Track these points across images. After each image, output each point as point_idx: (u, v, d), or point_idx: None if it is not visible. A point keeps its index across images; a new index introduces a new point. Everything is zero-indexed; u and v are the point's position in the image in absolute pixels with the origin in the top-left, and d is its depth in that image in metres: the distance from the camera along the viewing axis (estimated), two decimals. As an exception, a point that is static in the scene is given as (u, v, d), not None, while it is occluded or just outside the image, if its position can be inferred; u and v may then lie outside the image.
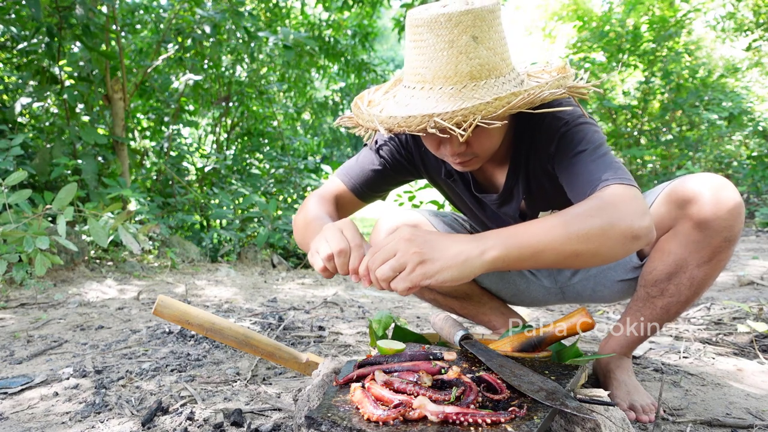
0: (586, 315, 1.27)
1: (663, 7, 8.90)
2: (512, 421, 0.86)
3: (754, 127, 9.00)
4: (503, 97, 1.03)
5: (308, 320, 2.61)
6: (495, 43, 1.08)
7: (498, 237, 1.00)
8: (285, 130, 7.55)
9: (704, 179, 1.28)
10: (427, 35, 1.07)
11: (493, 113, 1.02)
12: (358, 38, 7.67)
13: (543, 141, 1.27)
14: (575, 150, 1.20)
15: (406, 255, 0.95)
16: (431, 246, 0.96)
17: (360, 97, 1.30)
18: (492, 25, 1.07)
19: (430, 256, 0.95)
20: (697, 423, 1.35)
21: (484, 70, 1.07)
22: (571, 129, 1.22)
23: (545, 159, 1.30)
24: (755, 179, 8.27)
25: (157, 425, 1.34)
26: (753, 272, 3.84)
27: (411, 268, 0.95)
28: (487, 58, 1.07)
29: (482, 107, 1.02)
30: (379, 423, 0.86)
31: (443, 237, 0.99)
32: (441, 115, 1.03)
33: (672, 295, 1.38)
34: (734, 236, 1.26)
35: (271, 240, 5.43)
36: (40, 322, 2.57)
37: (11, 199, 2.84)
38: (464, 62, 1.06)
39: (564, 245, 0.99)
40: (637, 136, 9.78)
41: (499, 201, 1.45)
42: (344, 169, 1.50)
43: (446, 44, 1.05)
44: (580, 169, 1.17)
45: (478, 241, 0.98)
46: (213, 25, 5.38)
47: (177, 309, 1.34)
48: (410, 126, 1.06)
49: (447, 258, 0.95)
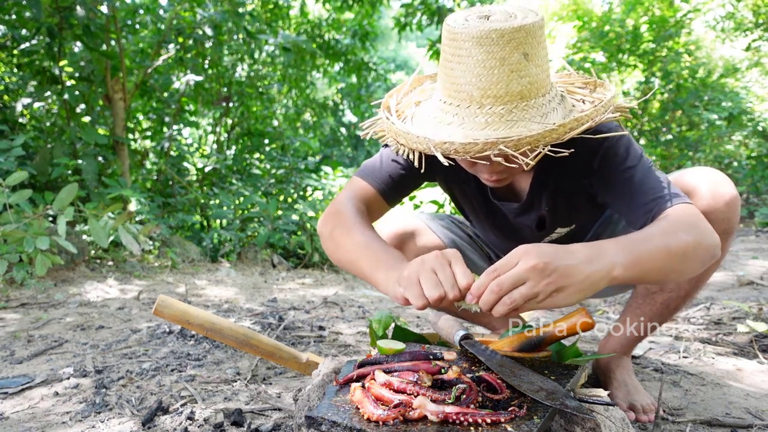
0: (586, 315, 1.27)
1: (663, 7, 8.90)
2: (512, 421, 0.86)
3: (753, 127, 9.00)
4: (566, 123, 0.99)
5: (308, 320, 2.61)
6: (542, 59, 1.05)
7: (618, 254, 0.97)
8: (285, 130, 7.55)
9: (701, 173, 1.30)
10: (475, 50, 1.01)
11: (557, 139, 0.99)
12: (358, 38, 7.67)
13: (582, 155, 1.21)
14: (624, 165, 1.18)
15: (539, 285, 0.91)
16: (562, 273, 0.92)
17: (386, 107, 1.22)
18: (540, 41, 1.04)
19: (562, 285, 0.92)
20: (697, 423, 1.36)
21: (533, 89, 1.03)
22: (614, 144, 1.20)
23: (583, 173, 1.27)
24: (755, 179, 8.27)
25: (157, 425, 1.34)
26: (753, 272, 3.84)
27: (542, 298, 0.92)
28: (536, 75, 1.03)
29: (547, 134, 0.98)
30: (379, 423, 0.86)
31: (569, 257, 0.94)
32: (506, 142, 0.97)
33: (672, 290, 1.40)
34: (732, 228, 1.28)
35: (271, 240, 5.43)
36: (41, 322, 2.57)
37: (12, 199, 2.85)
38: (516, 81, 1.01)
39: (665, 263, 1.01)
40: (637, 136, 9.78)
41: (519, 210, 1.41)
42: (369, 171, 1.40)
43: (497, 61, 1.00)
44: (635, 186, 1.16)
45: (602, 259, 0.96)
46: (214, 26, 5.39)
47: (177, 309, 1.34)
48: (469, 152, 1.00)
49: (577, 284, 0.93)
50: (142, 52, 6.08)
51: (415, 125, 1.14)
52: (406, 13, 6.82)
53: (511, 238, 1.54)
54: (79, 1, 4.31)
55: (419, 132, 1.08)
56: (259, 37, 5.89)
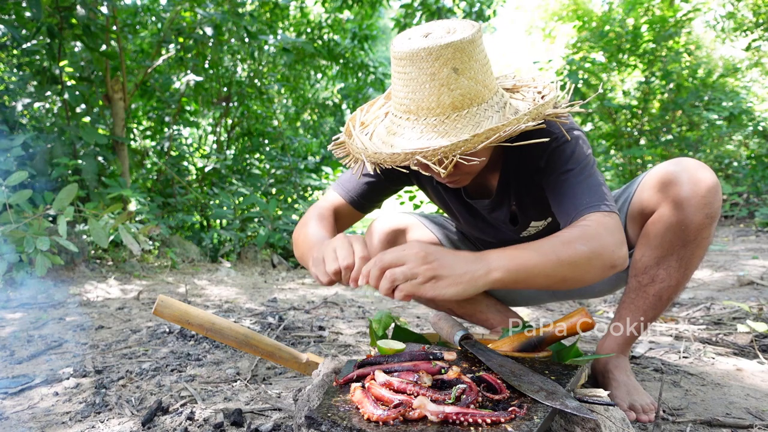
0: (586, 315, 1.27)
1: (663, 7, 8.90)
2: (512, 421, 0.86)
3: (754, 127, 8.99)
4: (481, 133, 1.05)
5: (308, 320, 2.61)
6: (476, 71, 1.10)
7: (500, 259, 1.05)
8: (285, 130, 7.55)
9: (680, 162, 1.36)
10: (410, 68, 1.09)
11: (472, 149, 1.06)
12: (357, 40, 7.66)
13: (533, 153, 1.30)
14: (563, 168, 1.25)
15: (418, 267, 1.00)
16: (441, 264, 1.01)
17: (352, 119, 1.32)
18: (472, 55, 1.09)
19: (440, 273, 1.00)
20: (697, 423, 1.35)
21: (466, 100, 1.10)
22: (561, 145, 1.27)
23: (533, 171, 1.34)
24: (755, 179, 8.27)
25: (157, 425, 1.34)
26: (753, 272, 3.84)
27: (421, 280, 1.00)
28: (469, 87, 1.10)
29: (461, 144, 1.05)
30: (379, 423, 0.86)
31: (452, 255, 1.05)
32: (422, 153, 1.06)
33: (663, 280, 1.42)
34: (715, 213, 1.32)
35: (271, 240, 5.43)
36: (40, 322, 2.57)
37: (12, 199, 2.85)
38: (446, 94, 1.09)
39: (555, 270, 1.08)
40: (637, 136, 9.78)
41: (491, 206, 1.48)
42: (340, 182, 1.54)
43: (428, 77, 1.08)
44: (566, 189, 1.24)
45: (483, 262, 1.05)
46: (214, 26, 5.39)
47: (177, 309, 1.34)
48: (395, 161, 1.10)
49: (455, 276, 1.01)
50: (142, 52, 6.08)
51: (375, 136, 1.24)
52: (405, 13, 6.83)
53: (491, 233, 1.61)
54: (79, 1, 4.31)
55: (359, 144, 1.20)
56: (259, 37, 5.89)
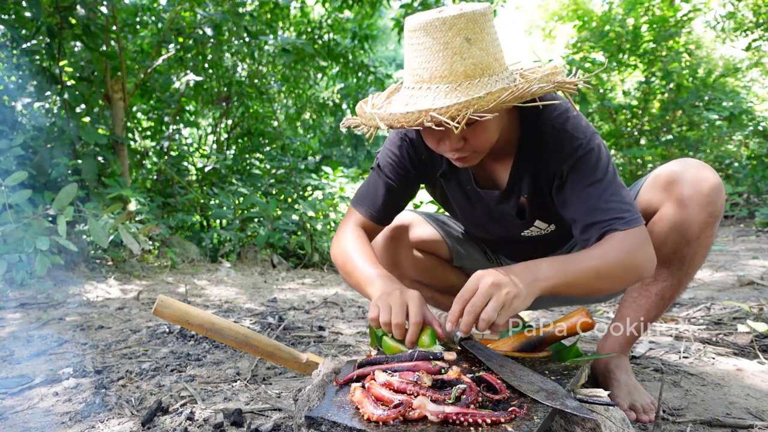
0: (586, 315, 1.27)
1: (663, 7, 8.89)
2: (512, 421, 0.86)
3: (754, 126, 8.99)
4: (494, 92, 1.09)
5: (308, 320, 2.61)
6: (487, 44, 1.15)
7: (550, 269, 1.17)
8: (285, 130, 7.55)
9: (683, 162, 1.38)
10: (424, 38, 1.15)
11: (485, 107, 1.09)
12: (357, 40, 7.66)
13: (556, 155, 1.32)
14: (591, 179, 1.28)
15: (501, 296, 1.09)
16: (513, 282, 1.11)
17: (364, 101, 1.36)
18: (484, 28, 1.14)
19: (517, 290, 1.11)
20: (697, 423, 1.35)
21: (478, 69, 1.14)
22: (587, 153, 1.29)
23: (554, 171, 1.34)
24: (755, 179, 8.26)
25: (157, 425, 1.34)
26: (753, 272, 3.84)
27: (507, 306, 1.10)
28: (480, 57, 1.14)
29: (474, 101, 1.09)
30: (379, 423, 0.86)
31: (512, 270, 1.15)
32: (437, 110, 1.09)
33: (665, 279, 1.42)
34: (717, 212, 1.34)
35: (271, 240, 5.43)
36: (40, 322, 2.57)
37: (12, 199, 2.85)
38: (459, 62, 1.13)
39: (592, 283, 1.20)
40: (637, 136, 9.78)
41: (500, 198, 1.48)
42: (360, 199, 1.59)
43: (441, 46, 1.13)
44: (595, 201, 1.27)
45: (538, 269, 1.17)
46: (214, 26, 5.38)
47: (177, 309, 1.34)
48: (408, 121, 1.13)
49: (525, 288, 1.12)
50: (142, 52, 6.07)
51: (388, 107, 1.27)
52: (405, 13, 6.83)
53: (493, 229, 1.62)
54: (79, 1, 4.30)
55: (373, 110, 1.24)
56: (259, 37, 5.89)
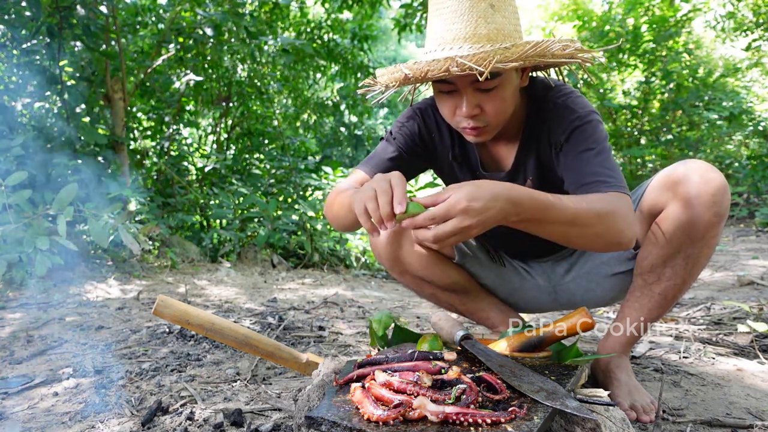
0: (586, 315, 1.27)
1: (663, 7, 8.89)
2: (512, 421, 0.86)
3: (754, 126, 8.99)
4: (520, 44, 1.15)
5: (308, 320, 2.61)
6: (509, 13, 1.22)
7: (531, 199, 1.10)
8: (285, 130, 7.54)
9: (689, 163, 1.40)
10: (450, 2, 1.21)
11: (510, 58, 1.13)
12: (357, 40, 7.66)
13: (555, 128, 1.38)
14: (584, 146, 1.32)
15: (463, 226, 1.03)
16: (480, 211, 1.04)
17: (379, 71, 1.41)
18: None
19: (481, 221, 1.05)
20: (697, 423, 1.35)
21: (500, 35, 1.19)
22: (583, 124, 1.34)
23: (554, 144, 1.39)
24: (756, 179, 8.26)
25: (157, 425, 1.34)
26: (753, 272, 3.84)
27: (465, 234, 1.05)
28: (503, 24, 1.21)
29: (500, 51, 1.14)
30: (379, 423, 0.86)
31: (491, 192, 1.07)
32: (463, 57, 1.13)
33: (669, 278, 1.41)
34: (723, 212, 1.34)
35: (271, 240, 5.42)
36: (40, 322, 2.57)
37: (12, 199, 2.85)
38: (483, 25, 1.19)
39: (565, 229, 1.15)
40: (637, 136, 9.78)
41: (507, 178, 1.50)
42: (365, 161, 1.60)
43: (466, 9, 1.19)
44: (584, 166, 1.30)
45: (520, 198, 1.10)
46: (214, 26, 5.38)
47: (177, 309, 1.34)
48: (433, 69, 1.16)
49: (491, 217, 1.06)
50: (142, 52, 6.07)
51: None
52: (405, 13, 6.82)
53: None
54: (79, 1, 4.30)
55: (394, 67, 1.27)
56: (259, 37, 5.89)
